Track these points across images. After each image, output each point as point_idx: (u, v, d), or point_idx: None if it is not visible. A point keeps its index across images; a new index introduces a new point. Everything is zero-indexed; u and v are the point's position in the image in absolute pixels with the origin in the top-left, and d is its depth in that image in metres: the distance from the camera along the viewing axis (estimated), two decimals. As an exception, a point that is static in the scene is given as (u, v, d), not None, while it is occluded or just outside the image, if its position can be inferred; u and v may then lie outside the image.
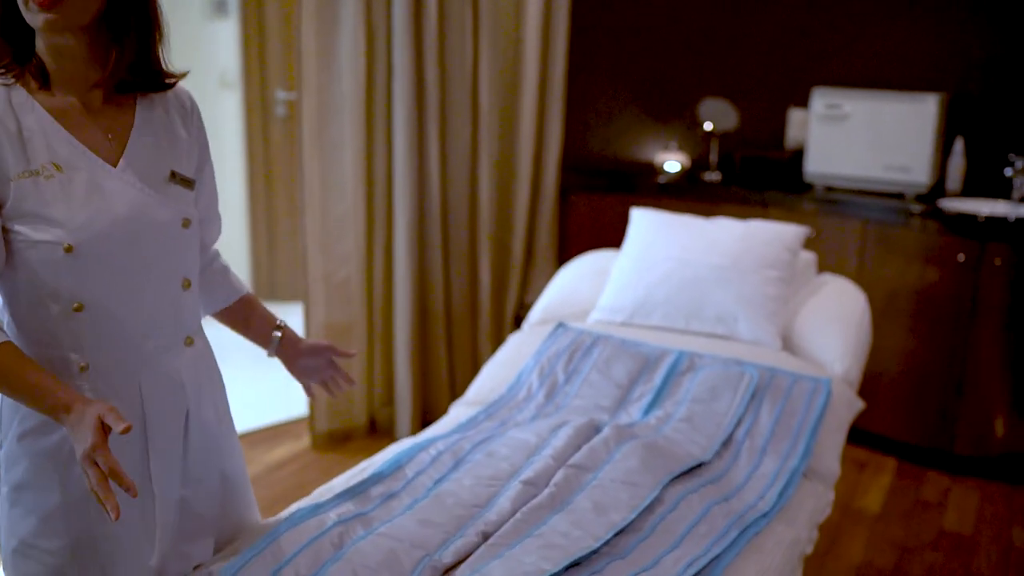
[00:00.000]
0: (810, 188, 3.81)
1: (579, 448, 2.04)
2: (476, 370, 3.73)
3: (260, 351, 1.82)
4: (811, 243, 3.59)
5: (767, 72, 4.07)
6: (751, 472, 2.11)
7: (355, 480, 1.95)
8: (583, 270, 3.05)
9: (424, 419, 3.81)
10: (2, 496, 1.48)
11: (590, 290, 2.92)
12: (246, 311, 1.76)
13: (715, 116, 4.07)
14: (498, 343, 3.88)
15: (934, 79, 3.75)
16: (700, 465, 2.10)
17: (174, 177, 1.48)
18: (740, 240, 2.73)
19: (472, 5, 3.67)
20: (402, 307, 3.70)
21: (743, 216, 3.56)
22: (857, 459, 3.69)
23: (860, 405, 2.53)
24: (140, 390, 1.47)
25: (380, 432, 3.83)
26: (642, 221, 2.93)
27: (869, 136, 3.66)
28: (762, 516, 1.93)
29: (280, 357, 1.78)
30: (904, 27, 3.81)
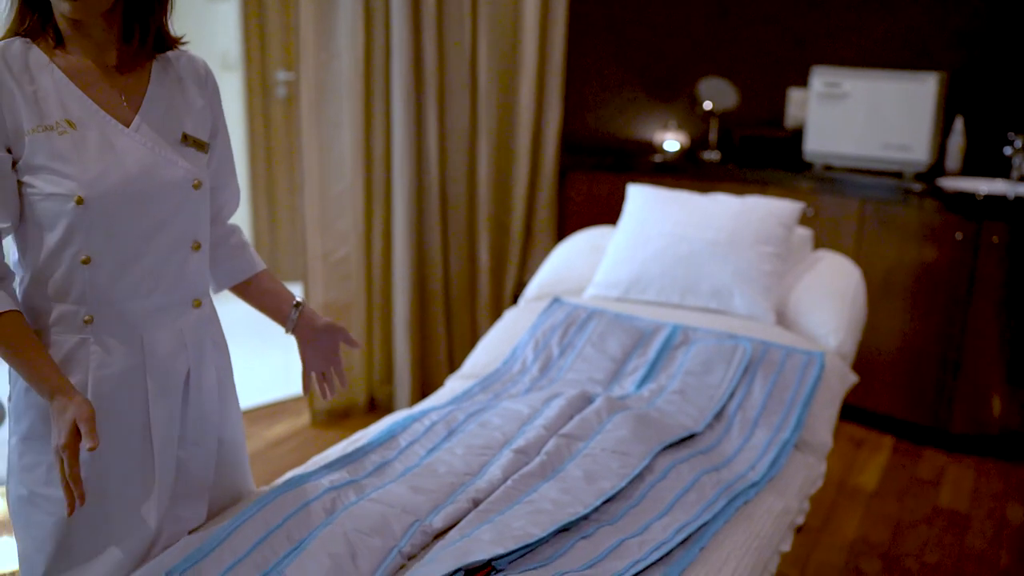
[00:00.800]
0: (809, 167, 3.81)
1: (571, 418, 2.06)
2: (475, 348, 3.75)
3: (261, 330, 1.83)
4: (810, 221, 3.60)
5: (767, 51, 4.07)
6: (743, 444, 2.13)
7: (350, 449, 1.97)
8: (579, 246, 3.06)
9: (423, 396, 3.83)
10: (11, 446, 1.52)
11: (586, 266, 2.93)
12: (263, 287, 1.77)
13: (715, 95, 4.07)
14: (497, 321, 3.89)
15: (934, 58, 3.75)
16: (692, 436, 2.11)
17: (186, 139, 1.52)
18: (736, 216, 2.74)
19: (471, -17, 3.67)
20: (401, 285, 3.72)
21: (742, 194, 3.57)
22: (854, 437, 3.71)
23: (853, 379, 2.54)
24: (142, 345, 1.50)
25: (379, 409, 3.85)
26: (638, 197, 2.93)
27: (868, 115, 3.66)
28: (751, 486, 1.95)
29: (296, 335, 1.79)
30: (904, 6, 3.80)
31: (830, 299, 2.68)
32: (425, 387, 3.87)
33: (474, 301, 4.03)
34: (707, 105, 4.05)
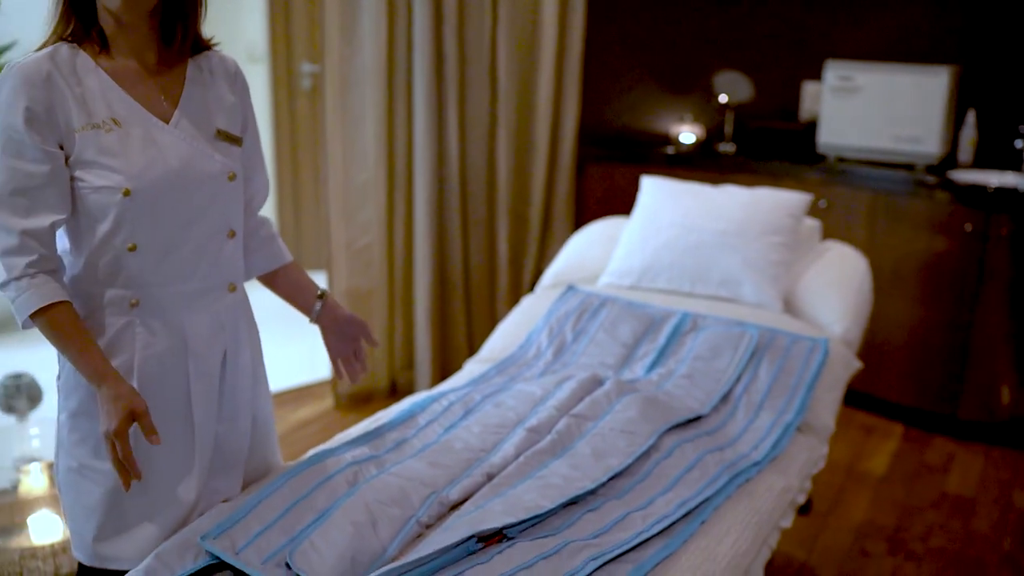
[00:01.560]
0: (822, 159, 3.87)
1: (581, 400, 2.16)
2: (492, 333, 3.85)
3: (287, 317, 1.93)
4: (823, 212, 3.68)
5: (782, 45, 4.13)
6: (747, 425, 2.21)
7: (371, 427, 2.07)
8: (594, 236, 3.15)
9: (442, 381, 3.90)
10: (60, 422, 1.63)
11: (600, 255, 3.02)
12: (290, 278, 1.87)
13: (730, 89, 4.13)
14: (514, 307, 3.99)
15: (947, 52, 3.80)
16: (699, 418, 2.20)
17: (220, 134, 1.63)
18: (745, 207, 2.82)
19: (490, -22, 3.76)
20: (422, 274, 3.82)
21: (755, 186, 3.65)
22: (865, 424, 3.78)
23: (857, 365, 2.62)
24: (183, 327, 1.61)
25: (400, 394, 3.96)
26: (651, 188, 3.02)
27: (881, 108, 3.72)
28: (753, 465, 2.04)
29: (319, 324, 1.89)
30: (917, 0, 3.85)
31: (836, 288, 2.76)
32: (445, 372, 3.97)
33: (493, 289, 4.12)
34: (722, 98, 4.12)
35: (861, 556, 2.88)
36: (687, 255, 2.80)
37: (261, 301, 1.92)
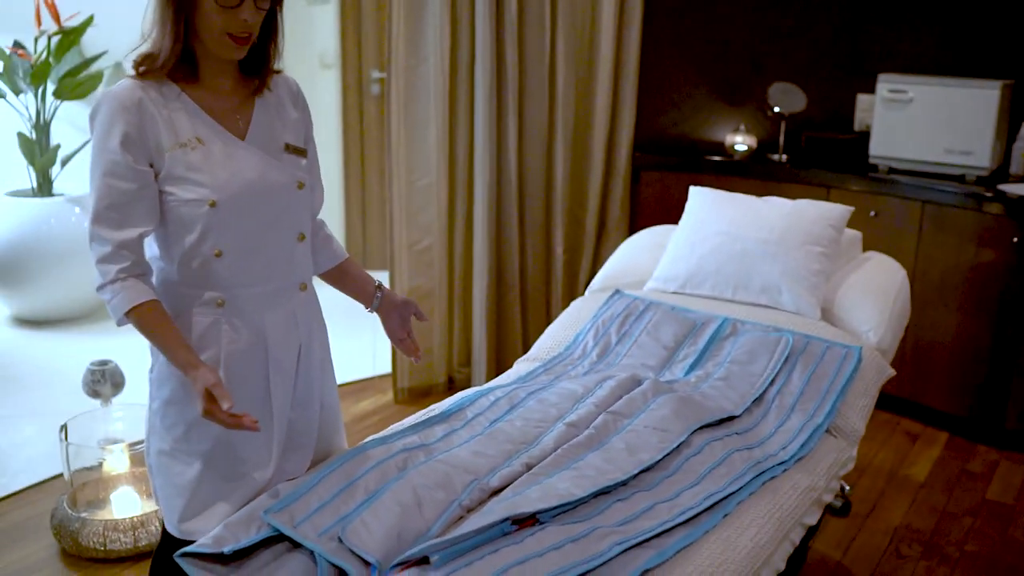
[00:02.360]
0: (873, 169, 3.94)
1: (619, 398, 2.30)
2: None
3: (353, 313, 2.11)
4: (872, 222, 3.75)
5: (836, 57, 4.20)
6: (777, 427, 2.33)
7: (423, 418, 2.24)
8: (642, 242, 3.28)
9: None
10: (152, 410, 1.83)
11: (648, 261, 3.15)
12: (349, 272, 2.06)
13: (784, 99, 4.22)
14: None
15: (999, 66, 3.84)
16: (731, 419, 2.33)
17: (288, 148, 1.82)
18: (787, 217, 2.92)
19: (551, -8, 3.91)
20: (480, 275, 3.99)
21: (805, 195, 3.73)
22: (910, 431, 3.84)
23: (890, 372, 2.71)
24: (264, 324, 1.80)
25: (457, 390, 4.12)
26: (698, 197, 3.14)
27: (933, 120, 3.78)
28: (779, 464, 2.15)
29: (379, 312, 2.07)
30: (970, 14, 3.89)
31: (873, 297, 2.85)
32: (500, 369, 4.13)
33: (549, 290, 4.28)
34: (776, 108, 4.20)
35: (896, 558, 2.96)
36: (730, 263, 2.91)
37: (328, 299, 2.11)
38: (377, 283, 2.06)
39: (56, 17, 4.70)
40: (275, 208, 1.78)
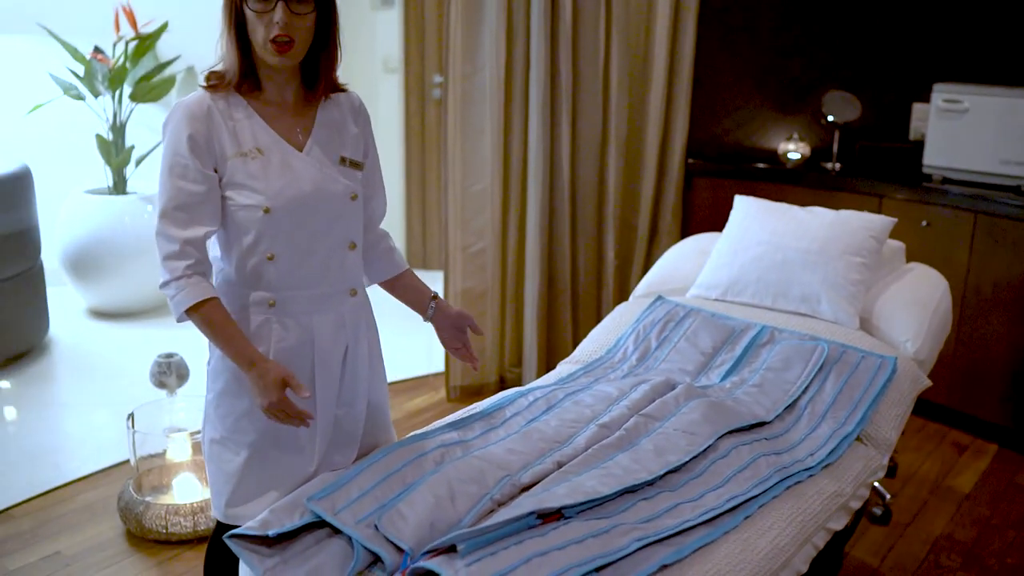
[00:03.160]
0: (927, 179, 3.94)
1: (652, 401, 2.37)
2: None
3: (410, 316, 2.22)
4: (925, 232, 3.76)
5: (892, 66, 4.20)
6: (807, 434, 2.38)
7: (463, 416, 2.34)
8: (687, 249, 3.34)
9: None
10: (208, 400, 1.97)
11: (692, 268, 3.22)
12: (407, 284, 2.16)
13: (839, 108, 4.23)
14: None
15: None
16: (762, 424, 2.38)
17: (344, 161, 1.93)
18: (829, 227, 2.96)
19: (605, 2, 3.98)
20: (532, 278, 4.08)
21: (857, 204, 3.76)
22: (959, 442, 3.84)
23: (927, 383, 2.73)
24: (312, 325, 1.91)
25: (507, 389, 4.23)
26: (742, 206, 3.19)
27: (988, 130, 3.77)
28: (805, 469, 2.21)
29: (433, 322, 2.17)
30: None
31: (912, 308, 2.87)
32: (550, 370, 4.20)
33: (600, 294, 4.35)
34: (831, 117, 4.22)
35: (934, 568, 2.98)
36: (771, 271, 2.96)
37: (387, 299, 2.22)
38: (432, 294, 2.15)
39: (133, 24, 4.92)
40: (328, 217, 1.89)
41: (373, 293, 2.11)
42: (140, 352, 4.49)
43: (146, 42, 4.93)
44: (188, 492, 3.12)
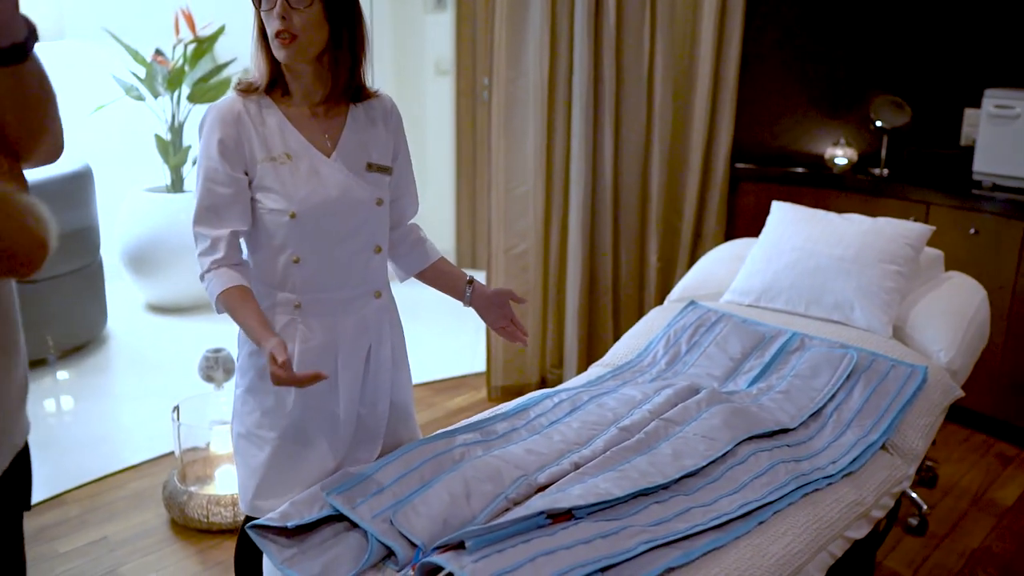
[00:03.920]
0: (976, 186, 3.87)
1: (675, 406, 2.39)
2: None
3: (457, 313, 2.26)
4: (971, 239, 3.70)
5: (941, 71, 4.14)
6: (831, 441, 2.37)
7: (487, 416, 2.39)
8: (722, 255, 3.34)
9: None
10: (236, 396, 2.04)
11: (726, 273, 3.22)
12: (441, 271, 2.19)
13: (887, 113, 4.18)
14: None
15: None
16: (785, 431, 2.38)
17: (371, 167, 1.97)
18: (864, 234, 2.94)
19: (650, 6, 3.99)
20: (573, 280, 4.11)
21: (904, 210, 3.72)
22: (1004, 453, 3.77)
23: (959, 394, 2.69)
24: (336, 327, 1.97)
25: (547, 390, 4.26)
26: (779, 212, 3.19)
27: (1040, 137, 3.70)
28: (825, 477, 2.21)
29: (473, 306, 2.19)
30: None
31: (947, 317, 2.84)
32: (590, 373, 4.25)
33: (642, 297, 4.36)
34: (879, 123, 4.17)
35: (968, 580, 2.95)
36: (805, 278, 2.95)
37: (431, 299, 2.25)
38: (469, 278, 2.18)
39: (192, 27, 5.06)
40: (353, 222, 1.94)
41: (414, 292, 2.14)
42: (193, 346, 4.62)
43: (204, 45, 5.07)
44: (229, 483, 3.21)
